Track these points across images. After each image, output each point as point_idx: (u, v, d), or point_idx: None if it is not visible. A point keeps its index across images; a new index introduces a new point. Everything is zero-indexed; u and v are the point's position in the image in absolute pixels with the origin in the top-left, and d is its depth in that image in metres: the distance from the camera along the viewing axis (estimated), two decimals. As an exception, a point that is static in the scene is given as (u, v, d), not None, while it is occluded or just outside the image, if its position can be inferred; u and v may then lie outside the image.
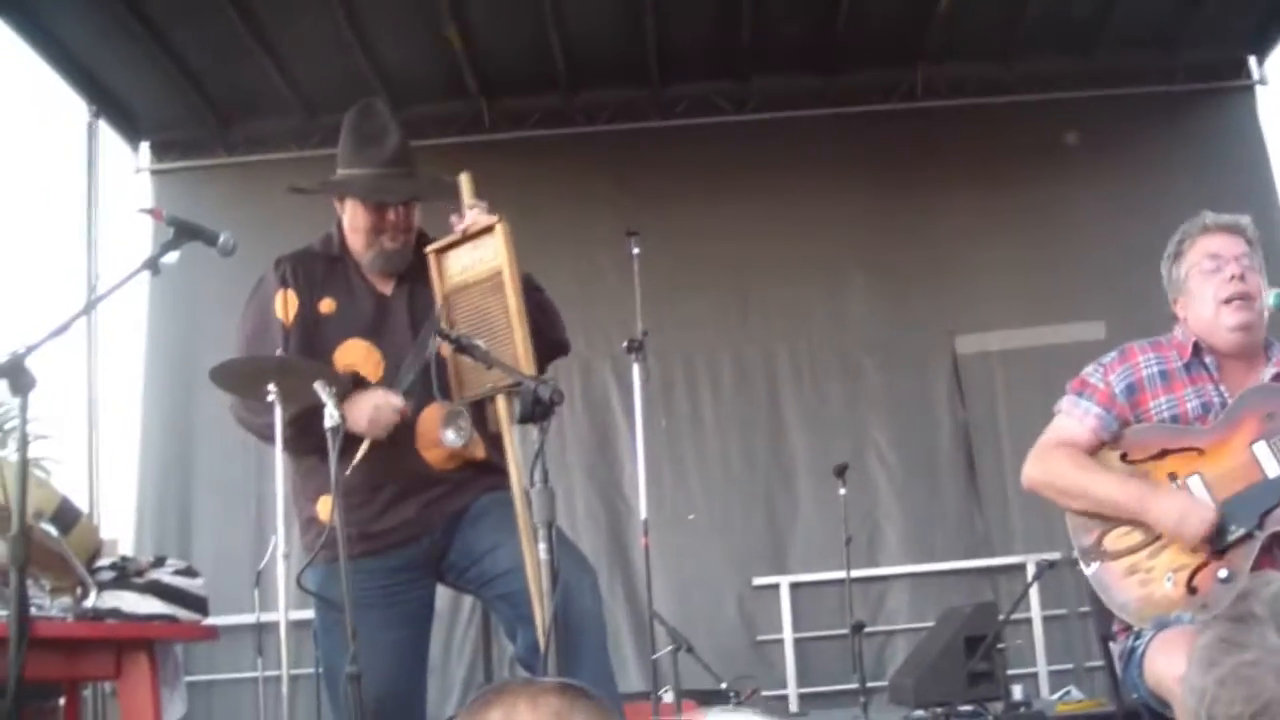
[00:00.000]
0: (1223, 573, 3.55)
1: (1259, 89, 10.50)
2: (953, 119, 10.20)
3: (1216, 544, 3.56)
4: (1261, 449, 3.63)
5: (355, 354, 4.01)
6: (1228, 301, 3.79)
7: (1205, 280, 3.86)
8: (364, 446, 3.85)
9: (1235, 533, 3.55)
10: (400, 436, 3.93)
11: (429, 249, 4.09)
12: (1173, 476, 3.70)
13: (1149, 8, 9.74)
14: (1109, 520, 3.76)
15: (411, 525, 3.96)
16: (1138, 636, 3.58)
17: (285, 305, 4.05)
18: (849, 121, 10.25)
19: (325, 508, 3.92)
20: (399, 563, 3.97)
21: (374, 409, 3.84)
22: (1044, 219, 9.96)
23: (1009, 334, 9.88)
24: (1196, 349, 3.85)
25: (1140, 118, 10.22)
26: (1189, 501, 3.62)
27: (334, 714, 3.93)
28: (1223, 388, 3.79)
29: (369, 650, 3.61)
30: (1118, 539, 3.73)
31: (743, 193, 9.93)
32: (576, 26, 9.43)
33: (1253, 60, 10.48)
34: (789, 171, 10.00)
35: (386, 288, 4.14)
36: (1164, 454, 3.75)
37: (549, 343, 4.13)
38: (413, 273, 4.13)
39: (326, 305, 4.06)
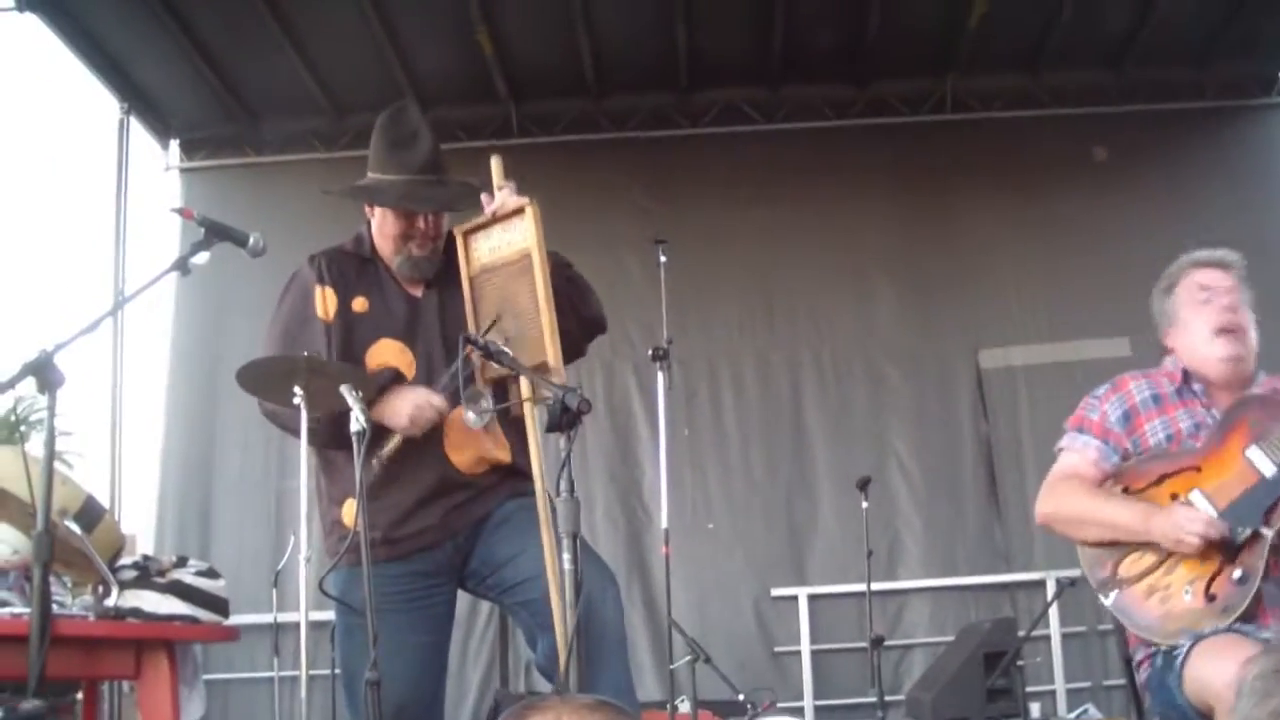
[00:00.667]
0: (1237, 573, 3.63)
1: (1288, 106, 10.44)
2: (982, 131, 10.18)
3: (1226, 546, 3.63)
4: (1255, 453, 3.72)
5: (388, 354, 4.03)
6: (1220, 333, 3.91)
7: (1197, 311, 3.98)
8: (394, 441, 3.86)
9: (1243, 534, 3.62)
10: (428, 439, 3.94)
11: (458, 230, 4.12)
12: (1174, 497, 3.79)
13: (1181, 23, 9.68)
14: (1121, 547, 3.84)
15: (435, 531, 3.96)
16: (1171, 650, 3.59)
17: (325, 302, 4.06)
18: (878, 132, 10.23)
19: (350, 511, 3.92)
20: (422, 567, 3.97)
21: (415, 407, 3.87)
22: (1071, 233, 9.92)
23: (1033, 349, 9.84)
24: (1186, 376, 3.97)
25: (1169, 133, 10.18)
26: (1184, 510, 3.71)
27: (351, 718, 3.93)
28: (1214, 410, 3.90)
29: (389, 655, 3.61)
30: (1131, 565, 3.82)
31: (770, 201, 9.92)
32: (607, 32, 9.42)
33: (1283, 77, 10.42)
34: (817, 181, 9.98)
35: (417, 290, 4.16)
36: (1163, 479, 3.85)
37: (584, 320, 4.18)
38: (442, 277, 4.14)
39: (359, 304, 4.07)
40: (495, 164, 4.09)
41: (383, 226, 4.12)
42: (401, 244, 4.08)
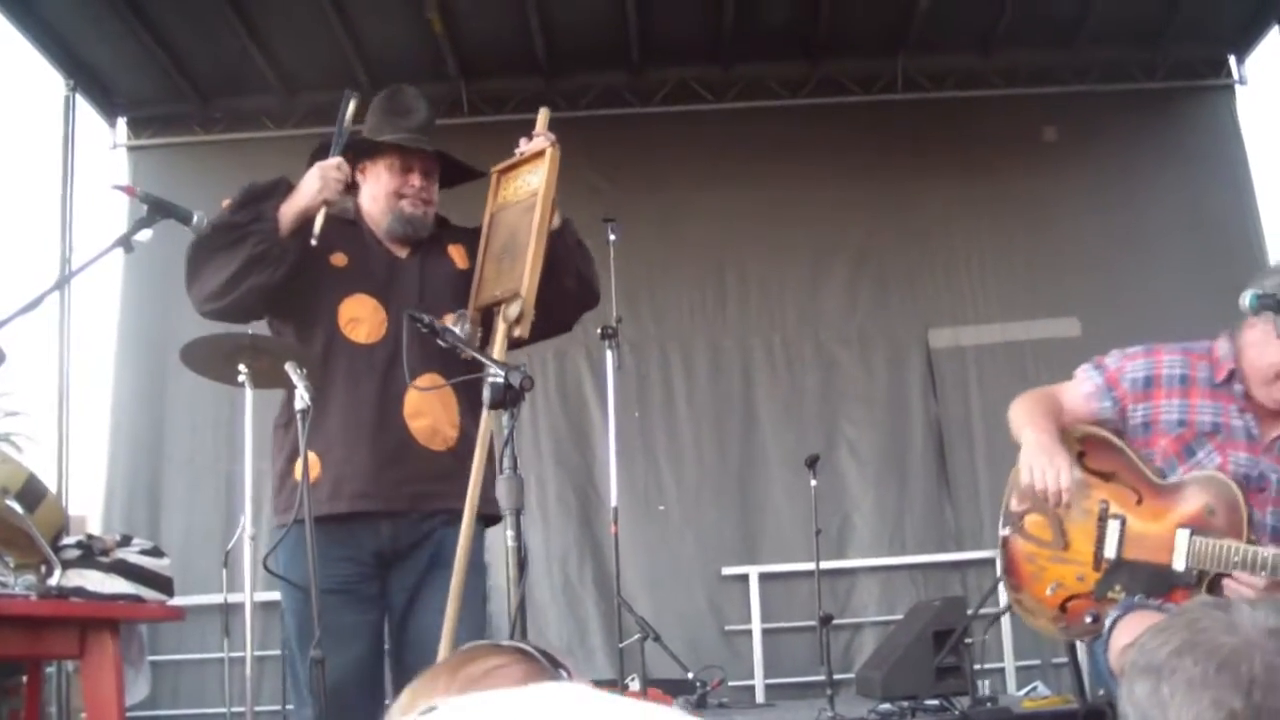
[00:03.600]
0: (1089, 617, 3.66)
1: (1239, 88, 10.50)
2: (933, 111, 10.20)
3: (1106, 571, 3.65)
4: (1182, 537, 3.61)
5: (362, 309, 4.04)
6: None
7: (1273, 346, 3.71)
8: (319, 220, 3.92)
9: (1116, 594, 3.62)
10: (387, 404, 3.95)
11: (494, 168, 4.30)
12: (1104, 504, 3.75)
13: (1132, 4, 9.75)
14: (1035, 502, 3.81)
15: (374, 499, 3.92)
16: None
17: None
18: (829, 111, 10.23)
19: (299, 467, 3.90)
20: (355, 553, 3.92)
21: (318, 174, 3.94)
22: (1022, 213, 9.97)
23: (983, 329, 9.89)
24: (1231, 376, 3.80)
25: (1120, 114, 10.22)
26: (1046, 456, 3.69)
27: (294, 693, 3.92)
28: (1249, 416, 3.77)
29: (328, 633, 3.63)
30: (1035, 525, 3.85)
31: (722, 181, 9.91)
32: (558, 10, 9.41)
33: (1233, 59, 10.47)
34: (769, 160, 9.98)
35: (401, 252, 4.19)
36: (1112, 477, 3.79)
37: (584, 281, 4.30)
38: (427, 243, 4.21)
39: (338, 259, 4.08)
40: (542, 114, 4.37)
41: (375, 188, 4.19)
42: (394, 201, 4.15)
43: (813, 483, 7.79)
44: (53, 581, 4.47)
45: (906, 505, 9.60)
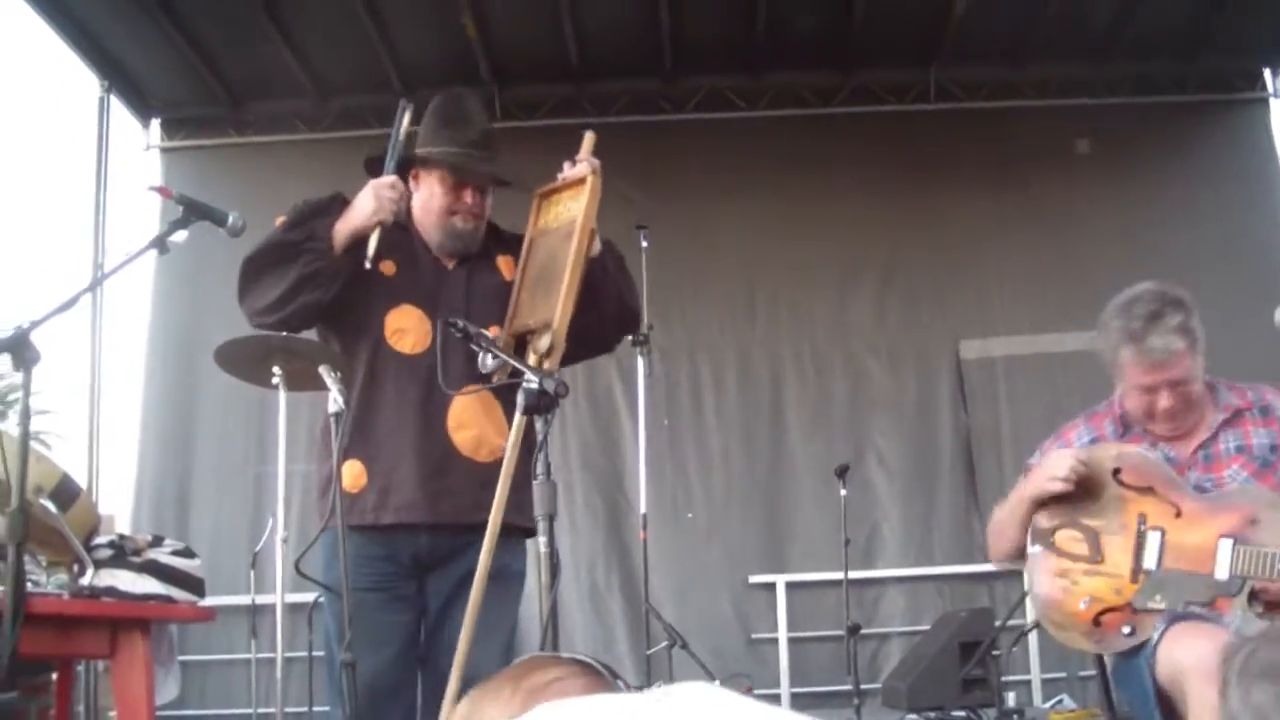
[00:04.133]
0: (1127, 628, 3.63)
1: (1273, 101, 10.47)
2: (966, 121, 10.19)
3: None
4: (1225, 547, 3.59)
5: (408, 319, 4.01)
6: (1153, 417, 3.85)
7: (1138, 397, 3.85)
8: (373, 242, 3.89)
9: (1157, 604, 3.60)
10: (432, 415, 3.94)
11: (537, 191, 4.24)
12: (1142, 518, 3.73)
13: (1167, 17, 9.70)
14: (1068, 513, 3.83)
15: (418, 509, 3.91)
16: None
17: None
18: (862, 121, 10.23)
19: (349, 473, 3.91)
20: (393, 552, 3.92)
21: (372, 194, 3.92)
22: (1053, 225, 9.94)
23: (1013, 340, 9.86)
24: (1126, 420, 3.95)
25: (1153, 127, 10.20)
26: (1054, 456, 3.84)
27: (330, 693, 3.92)
28: (1161, 445, 3.86)
29: (361, 635, 3.63)
30: (1067, 540, 3.82)
31: (753, 189, 9.93)
32: (591, 16, 9.42)
33: (1268, 73, 10.45)
34: (800, 169, 9.98)
35: (449, 263, 4.16)
36: (1149, 491, 3.77)
37: (625, 306, 4.27)
38: (476, 255, 4.17)
39: (387, 267, 4.03)
40: (587, 138, 4.26)
41: (428, 201, 4.13)
42: (446, 218, 4.10)
43: (842, 492, 7.78)
44: (85, 581, 4.47)
45: (935, 516, 9.58)
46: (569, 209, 4.09)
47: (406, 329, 3.99)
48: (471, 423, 3.96)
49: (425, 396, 3.91)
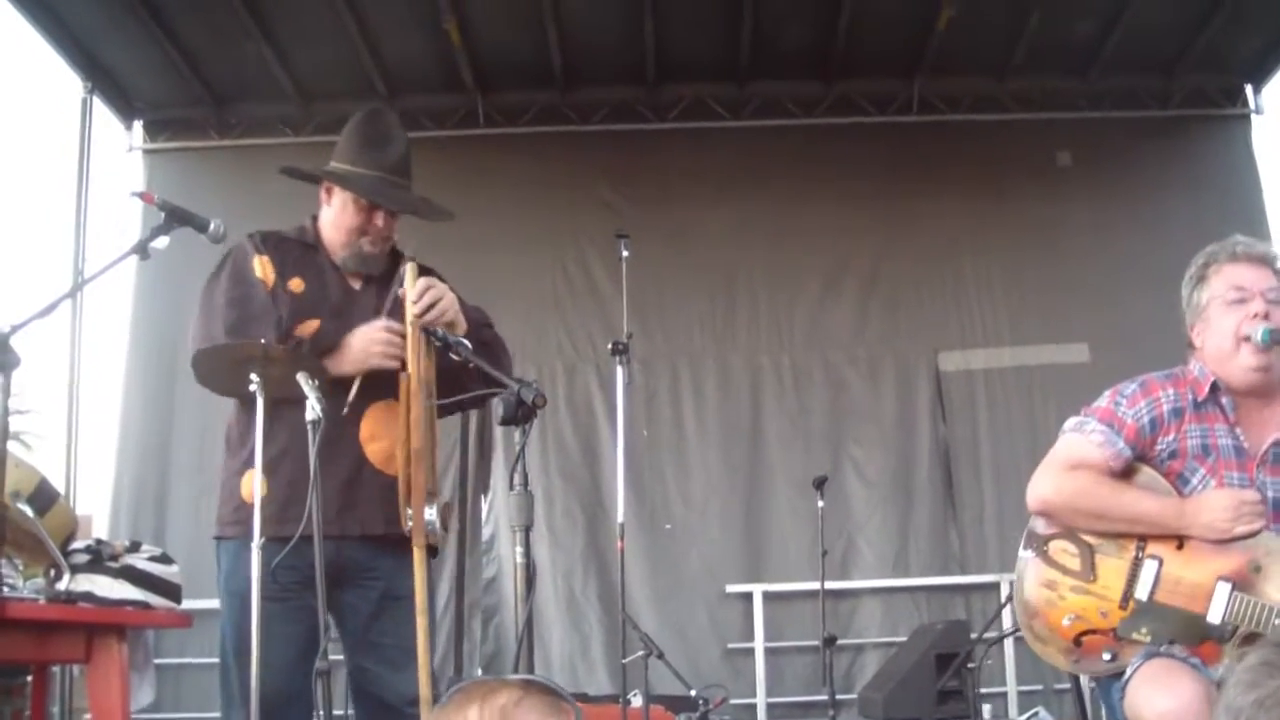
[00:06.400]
0: (1107, 654, 3.55)
1: (1255, 118, 10.52)
2: (948, 133, 10.22)
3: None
4: (1223, 590, 3.48)
5: None
6: (1249, 339, 3.61)
7: (1227, 312, 3.68)
8: (355, 387, 3.90)
9: (1141, 635, 3.51)
10: (345, 428, 3.94)
11: (413, 261, 4.07)
12: (1141, 544, 3.61)
13: (1150, 32, 9.72)
14: (1064, 529, 3.71)
15: (322, 520, 3.87)
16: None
17: (264, 269, 4.05)
18: (844, 132, 10.25)
19: (247, 484, 3.93)
20: (298, 562, 3.86)
21: (366, 340, 3.92)
22: (1034, 238, 9.98)
23: (993, 352, 9.88)
24: (1214, 389, 3.68)
25: (1135, 141, 10.23)
26: (1217, 496, 3.54)
27: (223, 701, 3.93)
28: (1238, 430, 3.65)
29: (264, 640, 3.67)
30: (1060, 552, 3.70)
31: (734, 199, 9.95)
32: (575, 24, 9.42)
33: (1249, 89, 10.50)
34: (781, 179, 10.01)
35: (356, 283, 4.15)
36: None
37: (491, 380, 3.90)
38: (380, 276, 4.15)
39: (295, 284, 4.04)
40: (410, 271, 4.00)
41: (339, 218, 4.12)
42: (355, 238, 4.09)
43: (820, 503, 7.80)
44: (61, 586, 4.47)
45: (911, 528, 9.59)
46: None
47: None
48: (384, 434, 3.97)
49: (337, 408, 3.88)
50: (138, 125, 10.28)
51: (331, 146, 4.24)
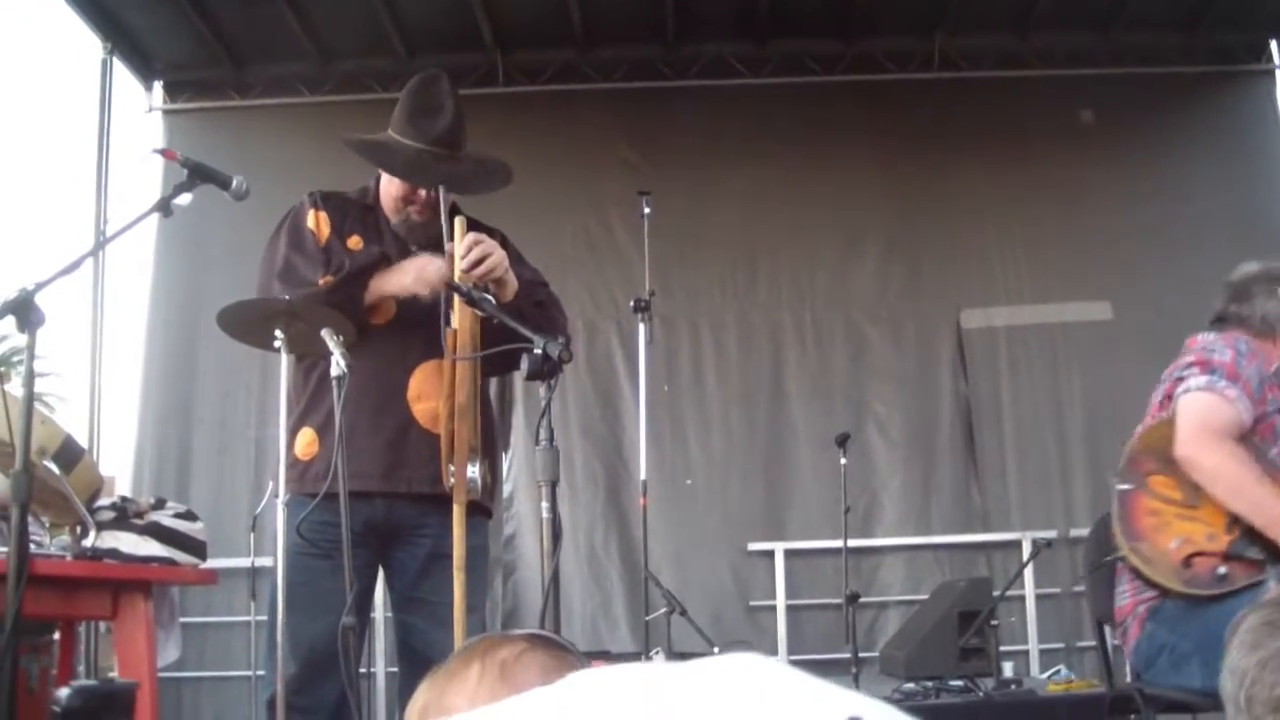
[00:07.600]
0: (1221, 570, 3.60)
1: (1279, 73, 10.43)
2: (969, 91, 10.15)
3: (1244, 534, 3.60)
4: None
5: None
6: None
7: None
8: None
9: (1255, 554, 3.59)
10: (392, 385, 3.98)
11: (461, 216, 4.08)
12: None
13: (1172, -12, 9.67)
14: (1168, 461, 3.78)
15: (369, 478, 3.93)
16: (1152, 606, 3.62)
17: (318, 223, 4.11)
18: (865, 89, 10.20)
19: (301, 442, 4.01)
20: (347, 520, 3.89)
21: (418, 267, 3.97)
22: (1056, 195, 9.91)
23: (1015, 310, 9.84)
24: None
25: (1157, 98, 10.18)
26: None
27: (268, 656, 3.95)
28: None
29: (307, 597, 3.76)
30: (1161, 483, 3.80)
31: (754, 157, 9.91)
32: (595, -18, 9.38)
33: (1274, 44, 10.40)
34: (803, 137, 9.98)
35: (413, 248, 4.18)
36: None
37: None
38: (437, 241, 4.12)
39: (354, 241, 4.10)
40: (459, 225, 3.99)
41: (387, 186, 4.19)
42: (403, 205, 4.14)
43: (842, 461, 7.79)
44: (87, 543, 4.50)
45: (934, 485, 9.58)
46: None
47: (374, 304, 4.03)
48: (432, 394, 3.98)
49: (386, 368, 3.95)
50: (157, 86, 10.25)
51: (350, 105, 4.26)
